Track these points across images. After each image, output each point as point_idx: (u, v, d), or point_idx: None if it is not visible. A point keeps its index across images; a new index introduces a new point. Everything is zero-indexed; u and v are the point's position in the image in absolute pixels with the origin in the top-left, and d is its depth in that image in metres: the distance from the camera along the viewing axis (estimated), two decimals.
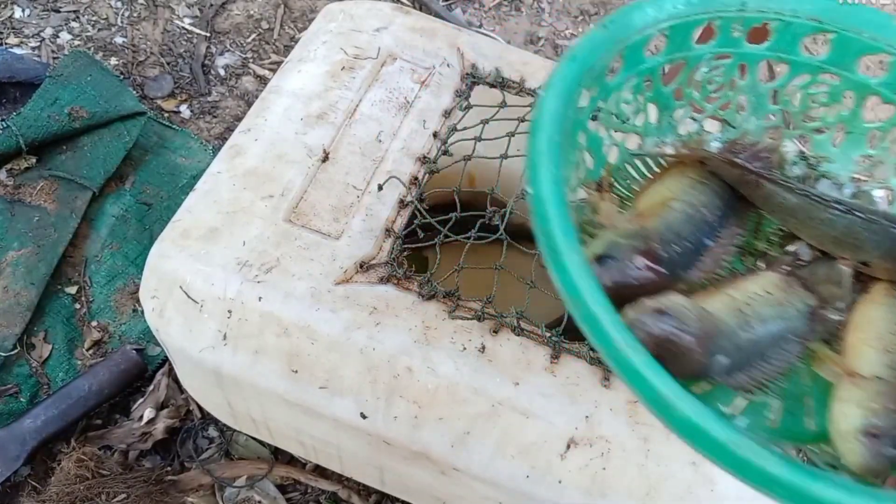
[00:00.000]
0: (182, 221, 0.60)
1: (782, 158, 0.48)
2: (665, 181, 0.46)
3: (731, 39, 0.45)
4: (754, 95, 0.48)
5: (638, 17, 0.40)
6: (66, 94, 0.93)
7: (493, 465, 0.54)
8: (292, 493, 0.80)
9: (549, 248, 0.33)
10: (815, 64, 0.47)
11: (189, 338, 0.57)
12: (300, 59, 0.72)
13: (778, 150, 0.48)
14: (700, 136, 0.48)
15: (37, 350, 0.83)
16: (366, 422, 0.55)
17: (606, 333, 0.31)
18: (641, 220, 0.42)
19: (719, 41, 0.46)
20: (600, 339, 0.31)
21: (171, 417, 0.81)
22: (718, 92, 0.48)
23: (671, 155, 0.47)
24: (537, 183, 0.34)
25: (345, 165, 0.64)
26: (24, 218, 0.89)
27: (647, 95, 0.46)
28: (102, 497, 0.75)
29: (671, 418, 0.29)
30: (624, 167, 0.48)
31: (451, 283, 0.59)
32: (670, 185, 0.45)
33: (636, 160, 0.48)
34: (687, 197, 0.43)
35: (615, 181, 0.47)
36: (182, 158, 1.00)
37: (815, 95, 0.48)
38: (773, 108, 0.49)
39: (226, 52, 1.15)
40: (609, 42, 0.40)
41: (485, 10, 1.29)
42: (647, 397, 0.30)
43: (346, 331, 0.55)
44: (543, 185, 0.34)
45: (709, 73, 0.47)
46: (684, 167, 0.46)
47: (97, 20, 1.14)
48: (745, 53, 0.46)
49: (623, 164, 0.47)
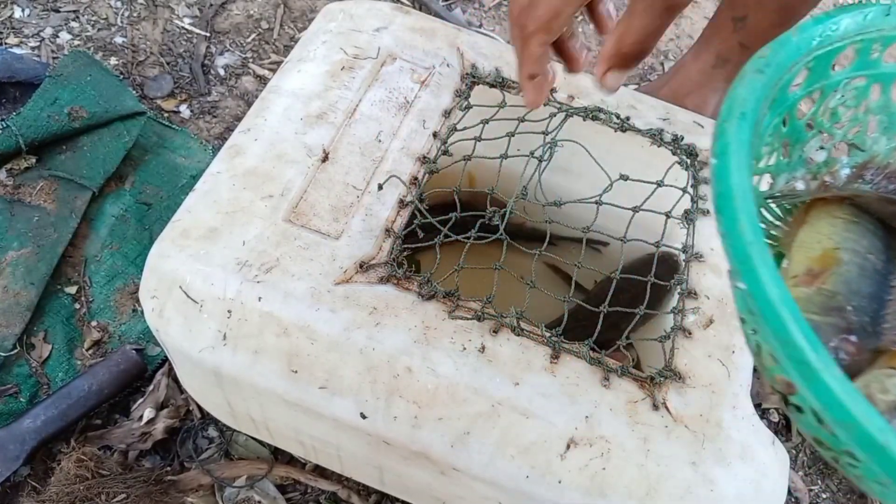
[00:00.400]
0: (182, 221, 0.60)
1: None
2: (814, 225, 0.42)
3: (869, 61, 0.43)
4: (886, 115, 0.45)
5: (790, 53, 0.37)
6: (66, 94, 0.93)
7: (492, 465, 0.54)
8: (292, 493, 0.80)
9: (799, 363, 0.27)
10: None
11: (189, 338, 0.57)
12: (300, 58, 0.72)
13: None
14: (832, 165, 0.45)
15: (36, 350, 0.83)
16: (365, 422, 0.55)
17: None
18: (817, 282, 0.38)
19: (856, 64, 0.43)
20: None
21: (171, 417, 0.81)
22: (848, 115, 0.45)
23: (819, 196, 0.44)
24: (758, 284, 0.28)
25: (344, 165, 0.64)
26: (24, 218, 0.89)
27: (783, 132, 0.43)
28: (102, 497, 0.75)
29: None
30: (759, 212, 0.44)
31: (450, 283, 0.59)
32: (823, 229, 0.41)
33: (770, 202, 0.44)
34: (850, 244, 0.39)
35: None
36: (182, 158, 1.00)
37: None
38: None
39: (226, 52, 1.15)
40: (768, 88, 0.36)
41: (485, 10, 1.29)
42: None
43: (345, 331, 0.55)
44: (769, 286, 0.28)
45: (842, 99, 0.44)
46: (827, 205, 0.43)
47: (97, 20, 1.14)
48: (880, 74, 0.43)
49: (758, 208, 0.44)
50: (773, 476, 0.55)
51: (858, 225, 0.41)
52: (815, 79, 0.41)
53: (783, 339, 0.27)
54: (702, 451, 0.53)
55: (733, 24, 0.96)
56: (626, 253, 0.63)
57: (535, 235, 0.69)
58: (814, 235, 0.41)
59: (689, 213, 0.65)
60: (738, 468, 0.54)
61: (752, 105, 0.34)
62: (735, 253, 0.29)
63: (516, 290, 0.60)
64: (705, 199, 0.67)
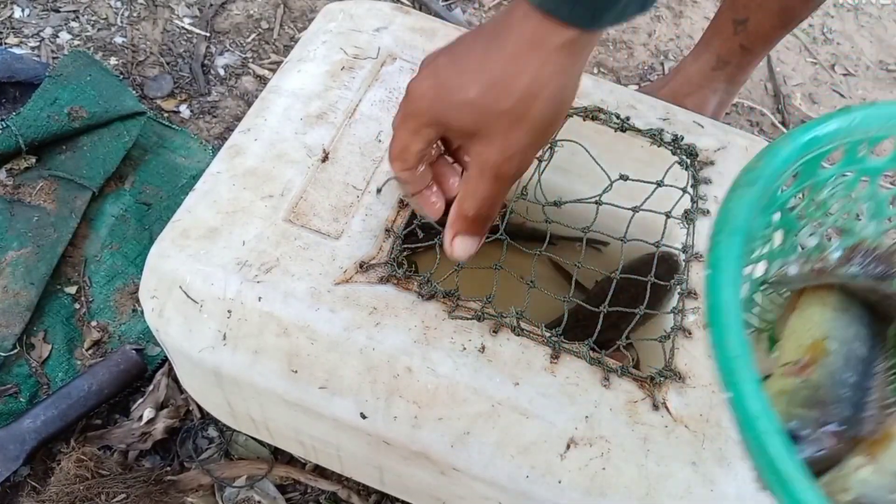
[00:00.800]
0: (182, 221, 0.60)
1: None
2: (805, 311, 0.44)
3: (856, 159, 0.45)
4: (874, 202, 0.47)
5: (780, 164, 0.39)
6: (66, 94, 0.93)
7: (492, 465, 0.54)
8: (292, 493, 0.80)
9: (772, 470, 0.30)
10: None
11: (188, 338, 0.57)
12: (300, 58, 0.72)
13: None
14: (823, 250, 0.46)
15: (36, 350, 0.83)
16: (365, 422, 0.55)
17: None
18: (804, 373, 0.40)
19: (844, 162, 0.45)
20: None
21: (171, 417, 0.81)
22: (838, 205, 0.47)
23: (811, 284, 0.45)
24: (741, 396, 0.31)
25: (344, 165, 0.64)
26: (24, 218, 0.89)
27: (776, 224, 0.45)
28: (102, 497, 0.75)
29: None
30: (752, 298, 0.46)
31: (450, 283, 0.59)
32: (814, 317, 0.43)
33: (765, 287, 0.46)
34: (838, 333, 0.41)
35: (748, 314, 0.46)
36: (182, 158, 1.00)
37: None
38: (892, 211, 0.47)
39: (225, 52, 1.15)
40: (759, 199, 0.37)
41: (485, 10, 1.29)
42: None
43: (345, 331, 0.55)
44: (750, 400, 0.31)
45: (832, 191, 0.46)
46: (818, 290, 0.44)
47: (97, 20, 1.14)
48: (867, 168, 0.45)
49: (752, 294, 0.46)
50: None
51: (847, 312, 0.43)
52: (804, 179, 0.43)
53: (759, 448, 0.30)
54: (702, 451, 0.54)
55: (734, 27, 0.97)
56: (627, 253, 0.63)
57: (535, 235, 0.69)
58: (804, 323, 0.43)
59: (689, 213, 0.65)
60: (739, 468, 0.54)
61: (744, 219, 0.36)
62: (722, 365, 0.32)
63: (516, 289, 0.60)
64: (705, 198, 0.67)
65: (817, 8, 0.92)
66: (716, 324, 0.33)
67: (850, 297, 0.44)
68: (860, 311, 0.43)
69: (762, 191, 0.37)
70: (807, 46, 1.34)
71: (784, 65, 1.31)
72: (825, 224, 0.47)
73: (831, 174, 0.45)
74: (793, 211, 0.46)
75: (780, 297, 0.47)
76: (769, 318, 0.48)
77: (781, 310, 0.47)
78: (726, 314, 0.33)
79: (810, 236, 0.48)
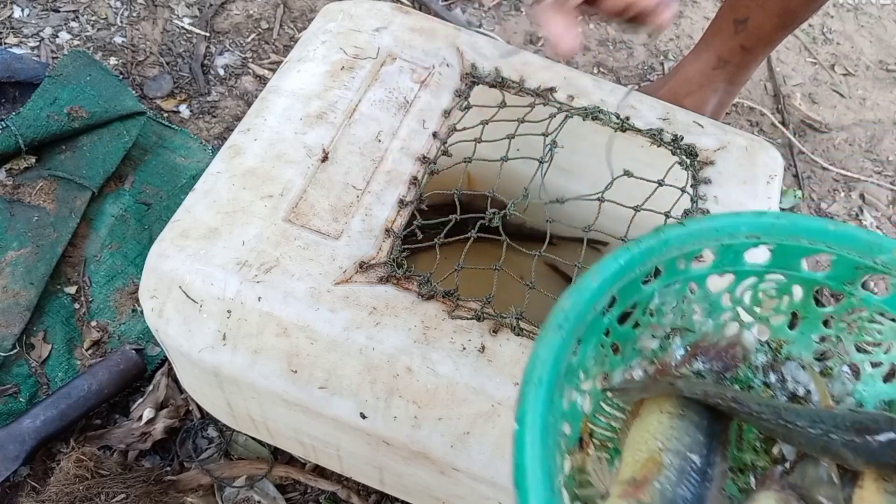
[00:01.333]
0: (181, 221, 0.60)
1: (745, 349, 0.49)
2: (644, 420, 0.45)
3: (677, 271, 0.46)
4: (707, 303, 0.49)
5: (589, 299, 0.40)
6: (66, 94, 0.93)
7: (492, 465, 0.54)
8: (292, 493, 0.80)
9: None
10: (759, 270, 0.47)
11: (188, 338, 0.57)
12: (299, 58, 0.72)
13: (739, 343, 0.49)
14: (666, 349, 0.48)
15: (36, 350, 0.83)
16: (365, 422, 0.55)
17: None
18: (639, 493, 0.40)
19: (665, 277, 0.46)
20: None
21: (171, 417, 0.81)
22: (671, 309, 0.48)
23: (653, 391, 0.46)
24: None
25: (344, 165, 0.64)
26: (24, 218, 0.89)
27: (607, 341, 0.46)
28: (102, 497, 0.75)
29: None
30: (599, 407, 0.47)
31: (450, 284, 0.59)
32: (651, 426, 0.44)
33: (609, 394, 0.47)
34: (673, 444, 0.42)
35: (594, 426, 0.46)
36: (181, 158, 1.00)
37: (766, 290, 0.49)
38: (727, 306, 0.49)
39: (225, 52, 1.15)
40: (568, 342, 0.39)
41: (484, 10, 1.29)
42: None
43: (345, 331, 0.55)
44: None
45: (661, 301, 0.47)
46: (657, 398, 0.45)
47: (96, 20, 1.14)
48: (691, 276, 0.47)
49: (598, 404, 0.47)
50: None
51: (683, 419, 0.43)
52: (626, 298, 0.44)
53: None
54: None
55: (734, 27, 0.96)
56: None
57: (535, 236, 0.69)
58: (642, 434, 0.44)
59: (689, 213, 0.65)
60: None
61: (550, 367, 0.37)
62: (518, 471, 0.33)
63: (516, 290, 0.60)
64: (705, 198, 0.67)
65: (818, 10, 0.92)
66: (521, 486, 0.33)
67: (689, 401, 0.44)
68: (698, 416, 0.44)
69: (571, 332, 0.38)
70: (807, 46, 1.34)
71: (784, 65, 1.31)
72: (664, 326, 0.48)
73: (655, 289, 0.46)
74: (624, 324, 0.46)
75: (625, 406, 0.48)
76: (615, 427, 0.47)
77: (626, 417, 0.47)
78: (530, 475, 0.33)
79: (652, 338, 0.48)
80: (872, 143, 1.24)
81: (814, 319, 0.49)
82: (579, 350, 0.40)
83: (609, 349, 0.46)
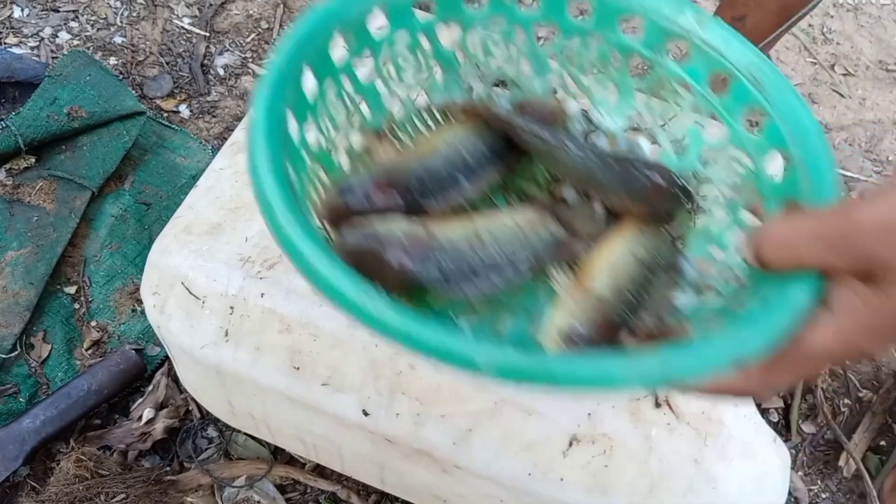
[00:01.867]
0: (184, 217, 0.60)
1: (566, 116, 0.51)
2: (446, 132, 0.48)
3: (503, 5, 0.47)
4: (535, 59, 0.50)
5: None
6: (65, 94, 0.93)
7: (495, 463, 0.54)
8: (291, 493, 0.80)
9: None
10: (583, 27, 0.48)
11: (190, 334, 0.57)
12: None
13: (562, 109, 0.51)
14: (490, 97, 0.51)
15: (36, 350, 0.83)
16: (368, 419, 0.55)
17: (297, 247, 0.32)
18: (401, 157, 0.45)
19: (492, 5, 0.47)
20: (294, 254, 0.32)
21: (171, 417, 0.80)
22: (501, 55, 0.50)
23: (456, 108, 0.49)
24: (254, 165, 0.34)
25: None
26: (23, 218, 0.89)
27: (429, 55, 0.48)
28: (101, 497, 0.74)
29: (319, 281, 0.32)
30: (412, 121, 0.49)
31: None
32: (446, 134, 0.47)
33: (425, 115, 0.50)
34: (453, 141, 0.46)
35: (401, 131, 0.49)
36: (181, 158, 1.00)
37: (589, 57, 0.50)
38: (554, 69, 0.51)
39: (225, 52, 1.15)
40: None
41: None
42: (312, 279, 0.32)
43: (348, 327, 0.55)
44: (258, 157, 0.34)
45: (487, 34, 0.49)
46: (467, 121, 0.48)
47: (96, 20, 1.14)
48: (517, 17, 0.48)
49: (410, 118, 0.49)
50: (775, 473, 0.55)
51: (477, 136, 0.47)
52: (445, 9, 0.46)
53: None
54: (704, 449, 0.53)
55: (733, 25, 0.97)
56: None
57: None
58: (437, 137, 0.47)
59: None
60: (740, 465, 0.53)
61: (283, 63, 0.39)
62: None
63: None
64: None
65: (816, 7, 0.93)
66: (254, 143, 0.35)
67: (491, 129, 0.47)
68: (491, 138, 0.47)
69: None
70: (806, 46, 1.34)
71: (784, 65, 1.31)
72: (492, 71, 0.51)
73: (477, 15, 0.47)
74: (449, 48, 0.48)
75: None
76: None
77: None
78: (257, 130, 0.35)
79: (479, 81, 0.51)
80: (872, 143, 1.24)
81: (627, 94, 0.50)
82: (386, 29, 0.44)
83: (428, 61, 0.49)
